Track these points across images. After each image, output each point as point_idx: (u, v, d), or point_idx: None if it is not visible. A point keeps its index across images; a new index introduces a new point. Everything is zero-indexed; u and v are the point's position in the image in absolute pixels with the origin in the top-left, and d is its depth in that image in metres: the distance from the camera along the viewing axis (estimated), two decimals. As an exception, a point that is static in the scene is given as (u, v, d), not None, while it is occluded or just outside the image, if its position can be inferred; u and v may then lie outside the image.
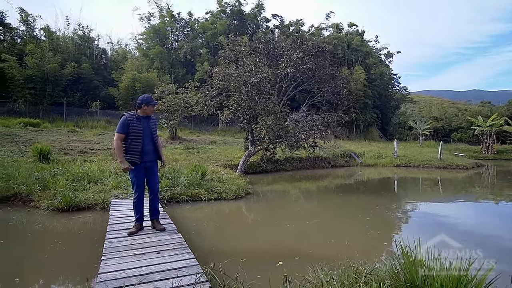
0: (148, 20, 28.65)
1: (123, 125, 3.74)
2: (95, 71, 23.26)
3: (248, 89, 9.47)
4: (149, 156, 3.89)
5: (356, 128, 31.12)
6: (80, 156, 11.13)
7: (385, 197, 8.85)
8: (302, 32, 32.45)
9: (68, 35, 25.00)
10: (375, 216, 6.45)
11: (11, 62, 18.12)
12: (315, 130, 9.41)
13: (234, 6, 29.43)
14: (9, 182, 6.92)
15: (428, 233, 5.61)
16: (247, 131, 11.52)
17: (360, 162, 18.67)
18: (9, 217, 5.81)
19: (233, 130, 22.31)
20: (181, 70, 26.61)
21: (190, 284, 2.36)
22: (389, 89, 36.80)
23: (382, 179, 13.81)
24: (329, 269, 2.51)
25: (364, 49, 32.14)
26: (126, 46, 30.69)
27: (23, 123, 15.26)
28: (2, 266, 3.74)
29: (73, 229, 5.26)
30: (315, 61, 10.45)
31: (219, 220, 6.24)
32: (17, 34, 23.16)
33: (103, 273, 2.69)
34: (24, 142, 11.92)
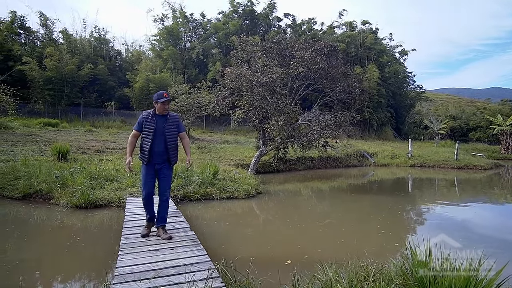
0: (162, 21, 29.13)
1: (138, 122, 3.71)
2: (110, 72, 23.83)
3: (260, 89, 9.52)
4: (159, 157, 3.65)
5: (370, 127, 30.70)
6: (96, 155, 11.46)
7: (398, 198, 8.74)
8: (315, 31, 32.24)
9: (85, 37, 25.70)
10: (387, 217, 6.40)
11: (32, 65, 18.80)
12: (326, 130, 9.37)
13: (246, 6, 29.54)
14: (30, 180, 7.23)
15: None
16: (258, 131, 11.58)
17: (373, 162, 18.45)
18: (31, 214, 6.08)
19: (245, 130, 22.43)
20: (194, 70, 26.93)
21: (203, 279, 2.45)
22: (403, 88, 36.08)
23: (396, 179, 13.61)
24: (338, 267, 2.55)
25: (378, 47, 31.64)
26: (140, 47, 31.31)
27: (42, 123, 15.81)
28: (25, 259, 3.93)
29: (90, 226, 5.47)
30: (327, 61, 10.40)
31: (230, 218, 6.33)
32: (37, 37, 24.00)
33: (120, 267, 2.81)
34: (44, 142, 12.37)
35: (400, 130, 35.23)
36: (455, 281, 2.02)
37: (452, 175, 15.01)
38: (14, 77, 18.89)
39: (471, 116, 39.70)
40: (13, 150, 10.70)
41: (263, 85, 9.45)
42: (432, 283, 2.08)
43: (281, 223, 6.09)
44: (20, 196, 6.89)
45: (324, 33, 32.87)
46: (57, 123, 16.43)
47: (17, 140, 12.09)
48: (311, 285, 2.43)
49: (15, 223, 5.58)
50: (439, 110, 45.35)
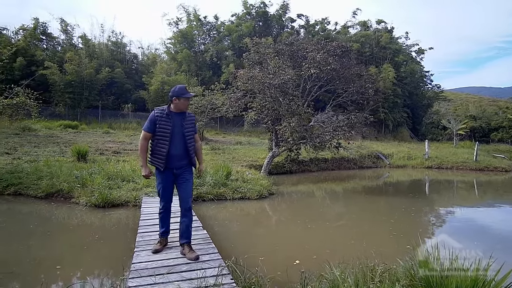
0: (176, 25, 29.65)
1: (150, 121, 3.13)
2: (127, 75, 24.47)
3: (272, 90, 9.60)
4: (177, 161, 3.14)
5: (385, 128, 30.16)
6: (114, 156, 11.82)
7: (413, 200, 8.60)
8: (328, 31, 32.01)
9: (103, 41, 26.53)
10: (401, 219, 6.33)
11: (53, 69, 19.57)
12: (339, 131, 9.34)
13: (259, 7, 29.68)
14: (52, 180, 7.56)
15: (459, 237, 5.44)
16: (271, 132, 11.65)
17: (389, 163, 18.14)
18: (53, 212, 6.37)
19: (258, 131, 22.53)
20: (208, 72, 27.27)
21: (213, 275, 2.55)
22: (420, 87, 35.25)
23: (412, 181, 13.36)
24: (345, 267, 2.59)
25: (393, 46, 31.08)
26: (155, 51, 31.97)
27: (63, 125, 16.42)
28: (46, 256, 4.16)
29: (108, 224, 5.69)
30: (340, 61, 10.36)
31: (242, 219, 6.43)
32: (58, 43, 24.96)
33: (136, 263, 2.96)
34: (64, 143, 12.86)
35: (417, 131, 34.42)
36: (462, 281, 2.02)
37: (471, 177, 14.58)
38: (36, 81, 19.72)
39: (492, 115, 38.30)
40: (36, 151, 11.20)
41: (275, 86, 9.52)
42: (439, 284, 2.09)
43: (292, 224, 6.14)
44: (43, 195, 7.22)
45: (338, 33, 32.58)
46: (76, 125, 17.03)
47: (40, 142, 12.63)
48: (318, 284, 2.48)
49: (38, 220, 5.87)
50: (458, 110, 43.97)
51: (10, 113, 9.31)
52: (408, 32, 36.02)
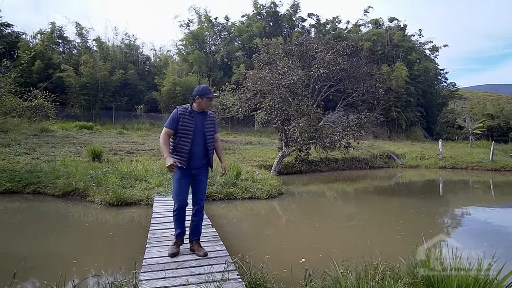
0: (188, 26, 30.01)
1: (172, 119, 3.15)
2: (140, 76, 24.95)
3: (281, 91, 9.65)
4: (198, 160, 3.19)
5: (398, 127, 29.69)
6: (127, 156, 12.12)
7: (424, 200, 8.50)
8: (339, 30, 31.76)
9: (116, 44, 27.12)
10: (410, 220, 6.29)
11: (69, 72, 20.18)
12: (348, 131, 9.31)
13: (269, 7, 29.72)
14: (69, 179, 7.85)
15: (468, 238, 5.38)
16: (280, 132, 11.71)
17: (401, 163, 17.88)
18: (70, 210, 6.64)
19: (269, 131, 22.59)
20: (219, 73, 27.50)
21: (220, 271, 2.65)
22: (435, 86, 34.50)
23: (424, 181, 13.16)
24: (349, 265, 2.64)
25: (406, 44, 30.55)
26: (167, 52, 32.44)
27: (79, 126, 16.90)
28: (64, 251, 4.36)
29: (122, 222, 5.89)
30: (349, 61, 10.32)
31: (250, 218, 6.53)
32: (74, 46, 25.70)
33: (148, 258, 3.10)
34: (80, 144, 13.27)
35: (431, 130, 33.71)
36: (463, 280, 2.05)
37: (487, 177, 14.23)
38: (54, 84, 20.38)
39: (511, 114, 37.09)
40: (53, 151, 11.60)
41: (285, 87, 9.58)
42: (440, 282, 2.12)
43: (300, 223, 6.19)
44: (60, 194, 7.51)
45: (349, 31, 32.28)
46: (91, 126, 17.50)
47: (57, 142, 13.07)
48: (322, 281, 2.55)
49: (56, 218, 6.14)
50: (475, 109, 42.72)
51: (29, 115, 9.72)
52: (421, 29, 35.33)
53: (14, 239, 4.91)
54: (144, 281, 2.58)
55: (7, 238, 4.99)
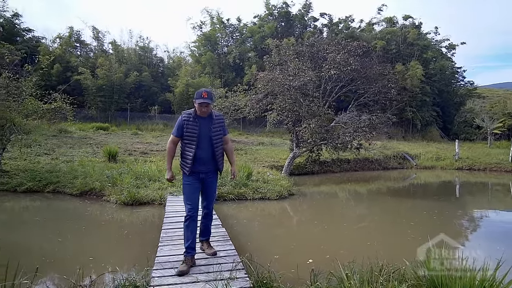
0: (200, 28, 30.37)
1: (177, 126, 3.13)
2: (153, 78, 25.44)
3: (292, 92, 9.68)
4: (204, 165, 3.11)
5: (413, 127, 29.09)
6: (141, 156, 12.43)
7: (438, 202, 8.37)
8: (352, 29, 31.42)
9: (131, 47, 27.75)
10: (421, 222, 6.21)
11: (86, 74, 20.82)
12: (359, 132, 9.25)
13: (281, 8, 29.72)
14: (86, 179, 8.15)
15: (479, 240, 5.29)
16: (291, 133, 11.74)
17: (415, 164, 17.54)
18: (86, 209, 6.90)
19: (281, 131, 22.59)
20: (231, 74, 27.71)
21: (228, 270, 2.74)
22: (451, 85, 33.63)
23: (439, 182, 12.90)
24: (355, 266, 2.68)
25: (422, 42, 29.92)
26: (180, 54, 32.91)
27: (95, 127, 17.44)
28: (81, 248, 4.57)
29: (136, 221, 6.09)
30: (361, 61, 10.25)
31: (260, 218, 6.61)
32: (90, 49, 26.48)
33: (159, 256, 3.23)
34: (96, 144, 13.70)
35: (448, 130, 32.84)
36: (467, 283, 2.07)
37: (506, 179, 13.80)
38: (71, 86, 21.03)
39: (535, 113, 35.65)
40: (71, 152, 12.04)
41: (295, 88, 9.61)
42: (444, 284, 2.14)
43: (309, 225, 6.23)
44: (78, 193, 7.81)
45: (362, 30, 31.88)
46: (107, 127, 18.01)
47: (75, 143, 13.54)
48: (327, 281, 2.60)
49: (74, 216, 6.40)
50: (495, 108, 41.21)
51: (49, 117, 10.09)
52: (437, 27, 34.39)
53: (36, 236, 5.17)
54: (156, 278, 2.71)
55: (30, 235, 5.26)
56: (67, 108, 10.31)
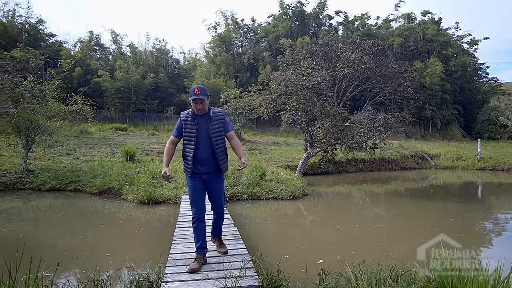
0: (215, 29, 30.67)
1: (176, 126, 3.12)
2: (170, 79, 25.95)
3: (305, 92, 9.65)
4: (206, 166, 3.01)
5: (433, 126, 28.27)
6: (158, 156, 12.72)
7: (456, 204, 8.12)
8: (369, 26, 30.85)
9: (148, 49, 28.41)
10: (437, 224, 6.05)
11: (105, 77, 21.50)
12: (374, 131, 9.10)
13: (295, 7, 29.58)
14: (105, 178, 8.45)
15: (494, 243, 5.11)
16: (305, 133, 11.69)
17: (434, 164, 17.04)
18: (105, 207, 7.16)
19: (295, 131, 22.51)
20: (245, 74, 27.85)
21: (238, 268, 2.80)
22: (474, 82, 32.41)
23: (460, 183, 12.48)
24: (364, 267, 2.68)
25: (441, 38, 29.00)
26: (196, 55, 33.39)
27: (114, 128, 17.99)
28: (100, 245, 4.76)
29: (152, 219, 6.27)
30: (376, 60, 10.07)
31: (273, 218, 6.65)
32: (109, 52, 27.31)
33: (172, 253, 3.34)
34: (115, 145, 14.13)
35: (470, 129, 31.64)
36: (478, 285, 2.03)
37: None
38: (91, 88, 21.79)
39: None
40: (91, 152, 12.49)
41: (309, 88, 9.57)
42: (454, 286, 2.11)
43: (321, 225, 6.22)
44: (97, 191, 8.11)
45: (379, 28, 31.28)
46: (125, 128, 18.53)
47: (95, 143, 14.02)
48: (336, 281, 2.62)
49: (94, 214, 6.66)
50: (522, 105, 39.47)
51: (70, 118, 10.51)
52: (458, 22, 33.20)
53: (58, 232, 5.43)
54: (169, 274, 2.81)
55: (53, 231, 5.53)
56: (87, 110, 10.69)
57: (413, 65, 26.21)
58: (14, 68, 10.44)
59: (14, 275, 2.26)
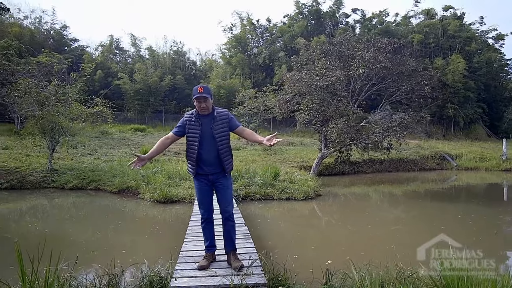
0: (231, 30, 30.97)
1: (178, 124, 3.08)
2: (187, 81, 26.44)
3: (319, 92, 9.60)
4: (210, 166, 2.96)
5: (455, 125, 27.28)
6: (174, 157, 13.03)
7: (476, 206, 7.84)
8: (387, 23, 30.17)
9: (166, 51, 29.08)
10: (452, 226, 5.88)
11: (125, 79, 22.22)
12: (389, 132, 8.93)
13: (311, 6, 29.38)
14: (123, 177, 8.76)
15: None
16: (320, 133, 11.63)
17: (456, 165, 16.45)
18: (123, 205, 7.44)
19: (311, 131, 22.32)
20: (261, 74, 27.95)
21: (246, 266, 2.87)
22: (500, 79, 31.00)
23: (483, 185, 12.00)
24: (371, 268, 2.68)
25: (464, 34, 27.92)
26: (212, 56, 33.85)
27: (133, 129, 18.55)
28: (116, 241, 4.97)
29: (167, 218, 6.47)
30: (392, 58, 9.86)
31: (284, 218, 6.69)
32: (129, 55, 28.18)
33: (183, 251, 3.46)
34: (134, 145, 14.57)
35: (496, 128, 30.26)
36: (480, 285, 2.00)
37: None
38: (112, 90, 22.58)
39: None
40: (111, 152, 12.95)
41: (323, 88, 9.51)
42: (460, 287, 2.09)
43: (332, 226, 6.19)
44: (116, 190, 8.43)
45: (398, 25, 30.54)
46: (144, 129, 19.07)
47: (115, 144, 14.52)
48: (342, 281, 2.64)
49: (112, 212, 6.94)
50: (553, 102, 37.34)
51: (91, 120, 10.98)
52: (482, 16, 31.64)
53: (79, 229, 5.71)
54: (179, 270, 2.92)
55: (74, 228, 5.82)
56: (107, 112, 11.12)
57: (434, 62, 25.41)
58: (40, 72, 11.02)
59: (37, 267, 2.43)
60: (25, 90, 9.54)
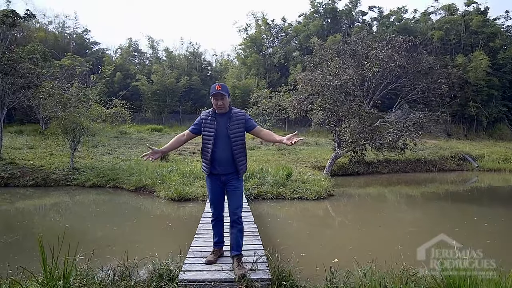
0: (246, 30, 31.17)
1: (195, 122, 3.11)
2: (202, 82, 26.84)
3: (332, 92, 9.56)
4: (224, 166, 2.95)
5: (478, 125, 26.26)
6: (190, 156, 13.31)
7: (493, 209, 7.62)
8: (405, 20, 29.44)
9: (182, 52, 29.63)
10: (466, 228, 5.74)
11: (142, 80, 22.84)
12: (404, 131, 8.77)
13: (327, 4, 29.11)
14: (140, 176, 9.06)
15: None
16: (333, 133, 11.56)
17: (477, 166, 15.86)
18: (139, 203, 7.71)
19: (325, 131, 22.10)
20: (276, 74, 27.97)
21: (253, 262, 2.97)
22: (526, 76, 29.58)
23: (506, 187, 11.53)
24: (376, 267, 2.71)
25: (488, 30, 26.81)
26: (227, 57, 34.16)
27: (150, 129, 19.06)
28: (131, 236, 5.19)
29: (181, 215, 6.66)
30: (407, 57, 9.67)
31: (295, 217, 6.74)
32: (146, 57, 28.92)
33: (193, 246, 3.59)
34: (151, 144, 14.95)
35: (522, 127, 28.94)
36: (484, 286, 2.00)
37: None
38: (130, 92, 23.28)
39: None
40: (129, 151, 13.38)
41: (336, 87, 9.46)
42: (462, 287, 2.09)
43: (342, 226, 6.18)
44: (133, 188, 8.73)
45: (417, 21, 29.73)
46: (161, 129, 19.54)
47: (133, 143, 14.98)
48: (346, 279, 2.68)
49: (129, 209, 7.22)
50: None
51: (110, 120, 11.42)
52: (508, 11, 30.19)
53: (98, 224, 5.99)
54: (187, 264, 3.05)
55: (93, 223, 6.11)
56: (125, 113, 11.52)
57: (455, 60, 24.58)
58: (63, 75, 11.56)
59: (57, 258, 2.62)
60: (49, 93, 10.06)
